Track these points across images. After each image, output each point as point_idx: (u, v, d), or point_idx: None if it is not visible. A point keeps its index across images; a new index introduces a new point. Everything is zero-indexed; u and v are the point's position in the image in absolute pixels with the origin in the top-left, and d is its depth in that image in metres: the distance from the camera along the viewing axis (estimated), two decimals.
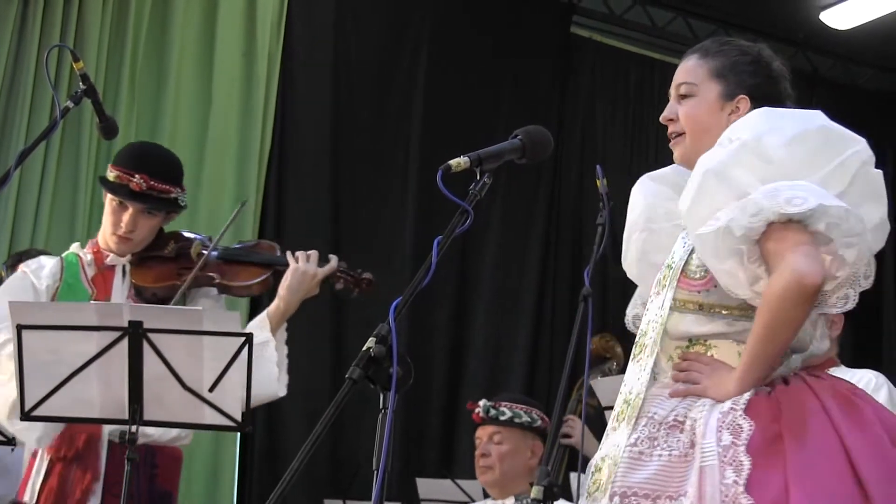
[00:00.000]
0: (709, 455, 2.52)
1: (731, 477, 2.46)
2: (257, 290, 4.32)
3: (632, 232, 3.05)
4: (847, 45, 9.06)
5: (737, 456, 2.48)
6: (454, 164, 2.51)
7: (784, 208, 2.53)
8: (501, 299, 8.06)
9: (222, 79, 7.16)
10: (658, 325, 2.77)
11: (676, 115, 2.92)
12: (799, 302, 2.52)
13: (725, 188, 2.63)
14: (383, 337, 2.29)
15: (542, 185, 8.32)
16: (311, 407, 6.81)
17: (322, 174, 7.54)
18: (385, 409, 2.28)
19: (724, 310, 2.71)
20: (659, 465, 2.58)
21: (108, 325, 3.33)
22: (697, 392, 2.66)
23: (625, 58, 9.03)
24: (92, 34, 6.70)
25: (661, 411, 2.67)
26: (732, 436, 2.52)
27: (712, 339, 2.73)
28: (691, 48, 3.04)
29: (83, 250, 4.14)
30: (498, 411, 5.14)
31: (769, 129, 2.65)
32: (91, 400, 3.40)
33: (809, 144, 2.63)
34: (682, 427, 2.61)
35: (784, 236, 2.56)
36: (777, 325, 2.56)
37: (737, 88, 2.90)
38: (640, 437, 2.65)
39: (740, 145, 2.65)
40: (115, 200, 4.08)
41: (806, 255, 2.53)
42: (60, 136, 6.48)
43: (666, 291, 2.78)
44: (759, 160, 2.62)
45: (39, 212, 6.43)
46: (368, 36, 7.84)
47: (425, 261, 2.39)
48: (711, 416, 2.58)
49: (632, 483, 2.59)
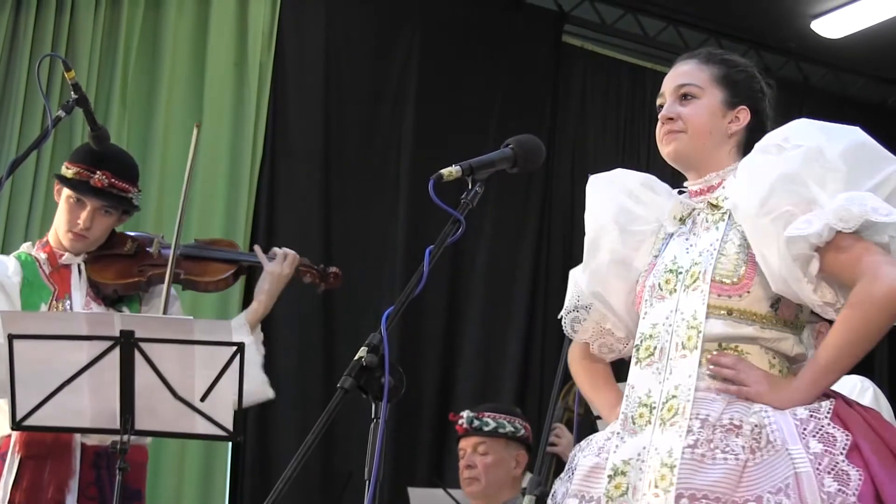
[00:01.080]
0: (801, 462, 2.51)
1: (832, 485, 2.46)
2: (223, 286, 4.39)
3: (602, 233, 3.04)
4: (838, 54, 9.06)
5: (836, 465, 2.49)
6: (446, 174, 2.52)
7: (872, 216, 2.58)
8: (492, 309, 8.05)
9: (213, 89, 7.15)
10: (683, 327, 2.76)
11: (677, 115, 2.92)
12: (893, 309, 2.57)
13: (795, 193, 2.66)
14: (375, 346, 2.30)
15: (533, 195, 8.31)
16: (302, 416, 6.81)
17: (313, 184, 7.53)
18: (377, 418, 2.28)
19: (753, 317, 2.73)
20: (725, 470, 2.55)
21: (99, 334, 3.33)
22: (750, 395, 2.66)
23: (616, 67, 9.02)
24: (83, 43, 6.69)
25: (712, 413, 2.65)
26: (823, 444, 2.52)
27: (742, 343, 2.74)
28: (687, 53, 3.05)
29: (34, 250, 4.12)
30: (482, 422, 5.14)
31: (827, 139, 2.70)
32: (82, 409, 3.40)
33: (860, 157, 2.68)
34: (739, 431, 2.60)
35: (865, 246, 2.61)
36: (869, 332, 2.59)
37: (739, 99, 2.93)
38: (698, 439, 2.62)
39: (805, 151, 2.68)
40: (73, 198, 4.07)
41: (894, 265, 2.59)
42: (52, 146, 6.46)
43: (678, 296, 2.78)
44: (822, 168, 2.66)
45: (31, 221, 6.41)
46: (359, 45, 7.84)
47: (417, 270, 2.39)
48: (784, 423, 2.58)
49: (699, 485, 2.56)
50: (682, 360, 2.74)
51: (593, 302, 3.05)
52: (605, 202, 3.06)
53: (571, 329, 3.11)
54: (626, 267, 3.00)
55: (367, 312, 7.25)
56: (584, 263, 3.08)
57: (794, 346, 2.77)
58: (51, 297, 3.99)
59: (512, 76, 8.35)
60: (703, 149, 2.88)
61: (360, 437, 2.38)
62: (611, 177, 3.12)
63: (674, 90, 2.96)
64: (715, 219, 2.85)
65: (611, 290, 3.01)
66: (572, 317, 3.11)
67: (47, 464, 3.83)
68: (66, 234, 4.09)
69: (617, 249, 3.01)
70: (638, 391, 2.80)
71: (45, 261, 4.08)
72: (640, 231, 3.02)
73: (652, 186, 3.07)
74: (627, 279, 3.00)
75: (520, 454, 5.10)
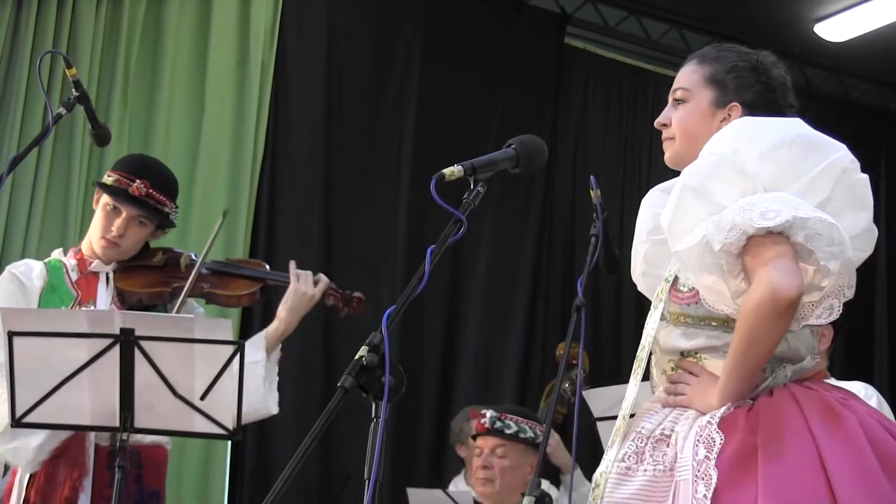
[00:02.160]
0: (684, 470, 2.52)
1: (701, 491, 2.45)
2: (246, 301, 4.41)
3: (638, 244, 3.02)
4: (841, 58, 9.06)
5: (707, 470, 2.48)
6: (448, 173, 2.51)
7: (758, 222, 2.52)
8: (493, 309, 8.05)
9: (215, 87, 7.14)
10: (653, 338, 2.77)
11: (670, 121, 2.92)
12: (773, 316, 2.50)
13: (704, 203, 2.62)
14: (376, 346, 2.29)
15: (534, 196, 8.30)
16: (302, 415, 6.80)
17: (315, 182, 7.52)
18: (377, 418, 2.27)
19: (713, 321, 2.71)
20: (644, 480, 2.58)
21: (99, 332, 3.32)
22: (683, 403, 2.67)
23: (618, 69, 9.02)
24: (85, 41, 6.69)
25: (648, 425, 2.67)
26: (706, 449, 2.51)
27: (702, 352, 2.73)
28: (693, 53, 3.04)
29: (66, 257, 4.13)
30: (504, 424, 5.13)
31: (746, 141, 2.64)
32: (82, 407, 3.40)
33: (787, 155, 2.62)
34: (668, 441, 2.61)
35: (760, 251, 2.54)
36: (753, 339, 2.54)
37: (730, 96, 2.90)
38: (627, 451, 2.65)
39: (718, 159, 2.64)
40: (110, 205, 4.09)
41: (781, 268, 2.50)
42: (53, 143, 6.46)
43: (661, 304, 2.78)
44: (737, 173, 2.61)
45: (31, 218, 6.41)
46: (361, 45, 7.83)
47: (418, 270, 2.39)
48: (692, 429, 2.58)
49: (619, 499, 2.59)
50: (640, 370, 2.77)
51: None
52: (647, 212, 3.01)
53: None
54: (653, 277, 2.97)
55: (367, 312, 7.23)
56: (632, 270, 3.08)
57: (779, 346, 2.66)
58: (73, 302, 4.00)
59: (514, 78, 8.35)
60: (692, 152, 2.84)
61: (360, 438, 2.38)
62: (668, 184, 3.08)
63: (671, 94, 2.97)
64: None
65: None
66: None
67: (61, 462, 3.83)
68: (99, 240, 4.11)
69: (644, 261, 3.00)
70: (625, 402, 2.81)
71: (73, 267, 4.09)
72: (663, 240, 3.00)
73: None
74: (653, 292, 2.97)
75: (535, 460, 5.09)
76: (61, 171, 6.56)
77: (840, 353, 8.02)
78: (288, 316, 4.26)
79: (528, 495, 3.57)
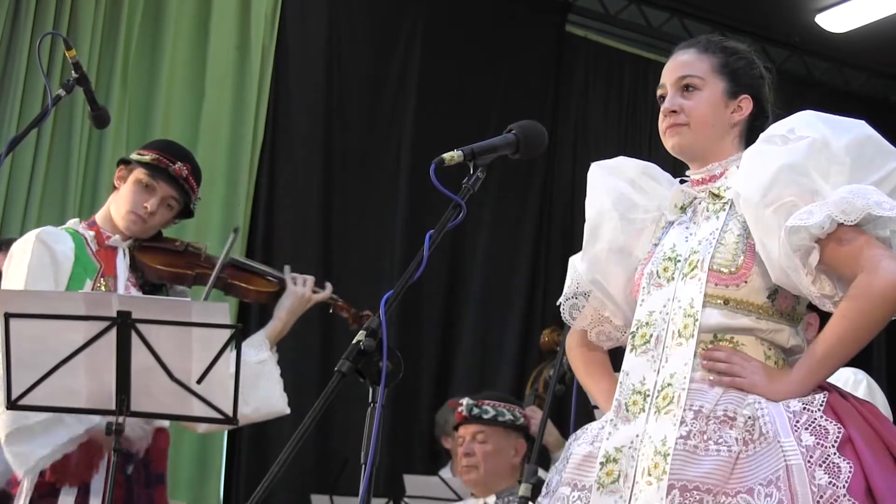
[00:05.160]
0: (792, 454, 2.50)
1: (823, 478, 2.46)
2: (264, 298, 4.44)
3: (602, 220, 3.02)
4: (842, 48, 9.06)
5: (827, 457, 2.48)
6: (448, 158, 2.50)
7: (875, 210, 2.57)
8: (492, 295, 8.05)
9: (215, 71, 7.14)
10: (679, 316, 2.75)
11: (680, 107, 2.91)
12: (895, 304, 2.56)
13: (799, 184, 2.65)
14: (373, 330, 2.29)
15: (534, 183, 8.31)
16: (299, 399, 6.78)
17: (314, 167, 7.52)
18: (374, 403, 2.27)
19: (749, 307, 2.72)
20: (717, 461, 2.55)
21: (96, 314, 3.31)
22: (744, 387, 2.65)
23: (619, 57, 9.02)
24: (85, 23, 6.68)
25: (706, 404, 2.64)
26: (815, 437, 2.52)
27: (738, 335, 2.73)
28: (685, 42, 3.03)
29: (80, 227, 4.09)
30: (481, 410, 5.14)
31: (832, 132, 2.69)
32: (78, 390, 3.39)
33: (865, 151, 2.68)
34: (733, 423, 2.59)
35: (866, 239, 2.61)
36: (868, 324, 2.58)
37: (742, 88, 2.91)
38: (691, 430, 2.62)
39: (810, 143, 2.67)
40: (145, 181, 4.03)
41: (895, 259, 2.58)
42: (52, 125, 6.46)
43: (676, 284, 2.78)
44: (826, 160, 2.65)
45: (30, 199, 6.41)
46: (362, 32, 7.83)
47: (416, 255, 2.38)
48: (777, 415, 2.58)
49: (692, 477, 2.55)
50: (678, 348, 2.73)
51: (592, 289, 3.03)
52: (606, 190, 3.04)
53: (570, 316, 3.09)
54: (626, 255, 2.99)
55: (365, 297, 7.23)
56: (583, 251, 3.06)
57: (791, 338, 2.76)
58: (97, 273, 3.96)
59: (515, 65, 8.35)
60: (706, 141, 2.87)
61: (357, 423, 2.37)
62: (612, 164, 3.10)
63: (675, 81, 2.94)
64: (716, 208, 2.84)
65: (610, 277, 2.99)
66: (571, 304, 3.09)
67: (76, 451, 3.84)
68: (127, 214, 4.02)
69: (616, 237, 2.99)
70: (632, 378, 2.79)
71: (92, 238, 4.03)
72: (640, 219, 3.00)
73: (653, 175, 3.06)
74: (626, 267, 2.98)
75: (518, 443, 5.10)
76: (60, 152, 6.56)
77: None
78: (287, 316, 4.31)
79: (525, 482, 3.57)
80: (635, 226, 3.00)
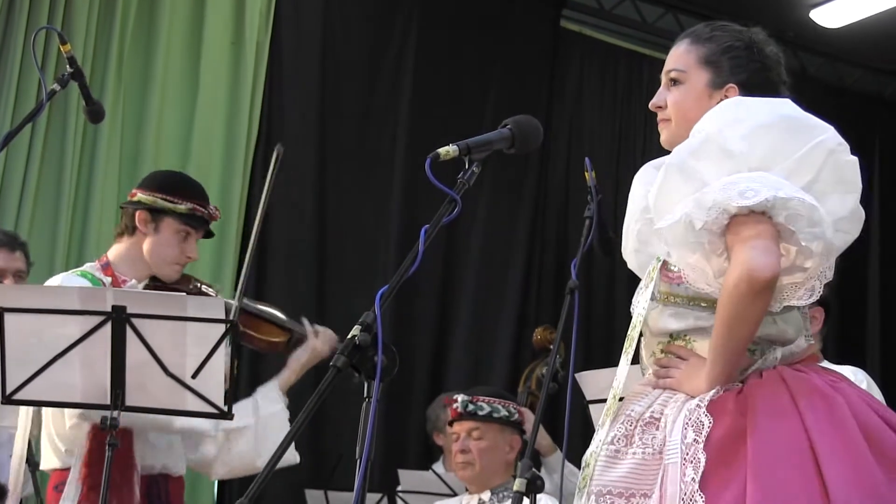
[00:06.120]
0: (672, 453, 2.51)
1: (689, 475, 2.45)
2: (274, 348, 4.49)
3: (630, 221, 2.98)
4: (836, 44, 9.06)
5: (696, 453, 2.47)
6: (443, 153, 2.50)
7: (736, 201, 2.49)
8: (486, 291, 8.05)
9: (210, 66, 7.13)
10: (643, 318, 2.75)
11: (665, 103, 2.89)
12: (750, 296, 2.48)
13: (689, 182, 2.60)
14: (368, 325, 2.28)
15: (529, 178, 8.30)
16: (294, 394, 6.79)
17: (308, 162, 7.51)
18: (369, 398, 2.27)
19: (702, 302, 2.69)
20: (633, 463, 2.56)
21: (91, 309, 3.32)
22: (672, 386, 2.66)
23: (614, 52, 9.01)
24: (80, 18, 6.67)
25: (638, 408, 2.65)
26: (695, 432, 2.50)
27: (691, 334, 2.71)
28: (684, 32, 3.02)
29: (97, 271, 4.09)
30: (476, 406, 5.14)
31: (731, 121, 2.62)
32: (73, 384, 3.40)
33: (772, 135, 2.59)
34: (658, 424, 2.60)
35: (740, 230, 2.52)
36: (733, 320, 2.52)
37: (727, 77, 2.87)
38: (616, 434, 2.63)
39: (704, 138, 2.62)
40: (185, 230, 4.11)
41: (759, 248, 2.48)
42: (46, 120, 6.44)
43: (652, 284, 2.77)
44: (722, 153, 2.59)
45: (24, 194, 6.39)
46: (356, 27, 7.82)
47: (411, 250, 2.38)
48: (681, 413, 2.57)
49: (607, 481, 2.58)
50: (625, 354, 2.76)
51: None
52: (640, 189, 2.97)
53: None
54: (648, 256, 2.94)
55: (360, 292, 7.24)
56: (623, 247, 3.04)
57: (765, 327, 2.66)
58: None
59: (509, 61, 8.34)
60: (686, 134, 2.84)
61: (351, 418, 2.37)
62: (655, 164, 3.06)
63: (665, 75, 2.94)
64: None
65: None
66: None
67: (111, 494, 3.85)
68: (172, 265, 4.12)
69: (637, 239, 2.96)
70: (616, 382, 2.79)
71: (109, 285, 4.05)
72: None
73: None
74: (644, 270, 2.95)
75: (514, 439, 5.10)
76: (55, 147, 6.54)
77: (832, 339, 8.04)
78: (301, 370, 4.45)
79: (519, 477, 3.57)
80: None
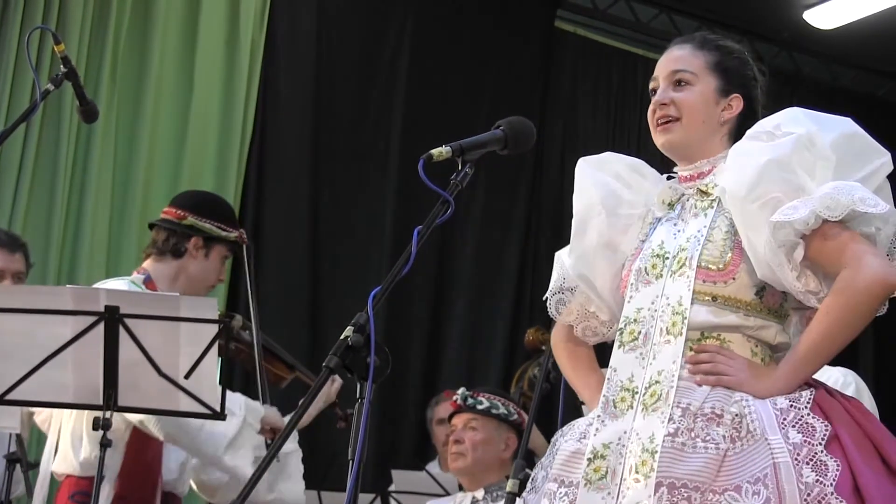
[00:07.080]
0: (779, 452, 2.50)
1: (810, 476, 2.46)
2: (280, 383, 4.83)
3: (590, 215, 3.02)
4: (830, 45, 9.06)
5: (815, 455, 2.48)
6: (436, 154, 2.50)
7: (859, 206, 2.57)
8: (480, 291, 8.05)
9: (204, 65, 7.12)
10: (668, 313, 2.75)
11: (670, 100, 2.91)
12: (880, 300, 2.57)
13: (784, 180, 2.66)
14: (361, 326, 2.28)
15: (522, 178, 8.30)
16: (287, 395, 6.79)
17: (303, 162, 7.52)
18: (361, 398, 2.27)
19: (737, 304, 2.73)
20: (705, 459, 2.55)
21: (84, 309, 3.31)
22: (730, 384, 2.65)
23: (608, 53, 9.01)
24: (74, 18, 6.66)
25: (693, 402, 2.64)
26: (802, 434, 2.52)
27: (725, 332, 2.73)
28: (681, 38, 3.04)
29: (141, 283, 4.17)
30: (476, 400, 5.15)
31: (819, 128, 2.69)
32: (66, 384, 3.39)
33: (850, 148, 2.69)
34: (720, 421, 2.59)
35: (850, 235, 2.61)
36: (851, 320, 2.59)
37: (733, 87, 2.92)
38: (679, 427, 2.61)
39: (796, 139, 2.68)
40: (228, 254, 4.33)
41: (879, 255, 2.60)
42: (40, 119, 6.44)
43: (664, 281, 2.78)
44: (812, 156, 2.66)
45: (18, 194, 6.39)
46: (351, 27, 7.82)
47: (404, 251, 2.38)
48: (764, 412, 2.58)
49: (680, 475, 2.55)
50: (666, 345, 2.73)
51: (578, 284, 3.03)
52: (594, 184, 3.05)
53: (556, 311, 3.10)
54: (613, 250, 2.99)
55: (353, 293, 7.24)
56: (570, 245, 3.07)
57: (777, 335, 2.76)
58: None
59: (503, 60, 8.34)
60: (696, 137, 2.87)
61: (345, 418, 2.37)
62: (599, 159, 3.10)
63: (668, 75, 2.94)
64: (704, 205, 2.85)
65: (596, 272, 3.00)
66: (557, 298, 3.09)
67: None
68: (209, 288, 4.32)
69: (604, 232, 3.00)
70: (620, 375, 2.79)
71: None
72: (627, 215, 3.01)
73: (640, 171, 3.06)
74: (613, 262, 2.99)
75: (510, 438, 5.10)
76: (49, 147, 6.54)
77: None
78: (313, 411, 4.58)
79: (512, 477, 3.58)
80: (622, 221, 3.00)
